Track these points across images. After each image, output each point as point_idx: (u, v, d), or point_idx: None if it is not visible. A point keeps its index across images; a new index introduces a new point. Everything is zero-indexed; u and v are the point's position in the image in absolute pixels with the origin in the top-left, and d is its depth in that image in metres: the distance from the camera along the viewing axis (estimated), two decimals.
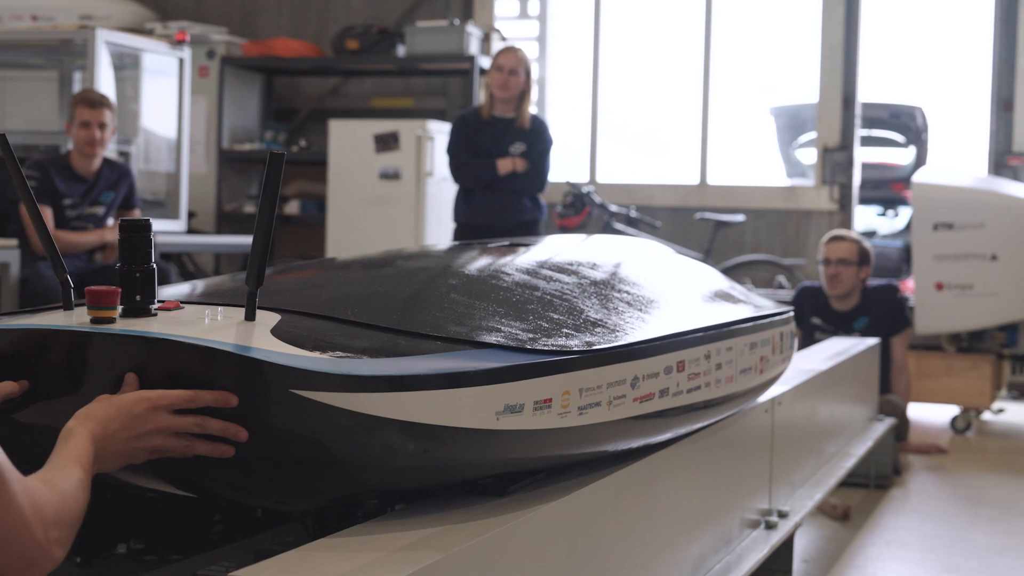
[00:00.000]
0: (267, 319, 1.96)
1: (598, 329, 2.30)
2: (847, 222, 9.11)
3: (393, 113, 9.78)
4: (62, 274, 2.04)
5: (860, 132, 9.35)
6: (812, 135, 9.66)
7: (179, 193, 8.10)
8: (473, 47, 8.97)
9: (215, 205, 9.42)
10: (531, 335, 2.13)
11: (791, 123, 10.23)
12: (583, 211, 8.45)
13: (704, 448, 2.85)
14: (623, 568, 2.39)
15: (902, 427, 6.10)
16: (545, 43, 10.19)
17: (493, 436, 1.94)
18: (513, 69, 6.54)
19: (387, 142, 8.42)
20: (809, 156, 9.86)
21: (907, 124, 10.43)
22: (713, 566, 2.92)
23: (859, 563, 4.21)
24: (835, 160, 9.22)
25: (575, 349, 2.12)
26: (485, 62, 8.94)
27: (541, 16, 10.22)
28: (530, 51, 6.68)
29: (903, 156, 10.59)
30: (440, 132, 8.44)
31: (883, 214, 10.86)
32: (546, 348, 2.08)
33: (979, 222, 6.92)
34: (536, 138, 6.61)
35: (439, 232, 8.28)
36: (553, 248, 3.10)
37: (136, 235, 1.94)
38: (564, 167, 6.92)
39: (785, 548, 3.43)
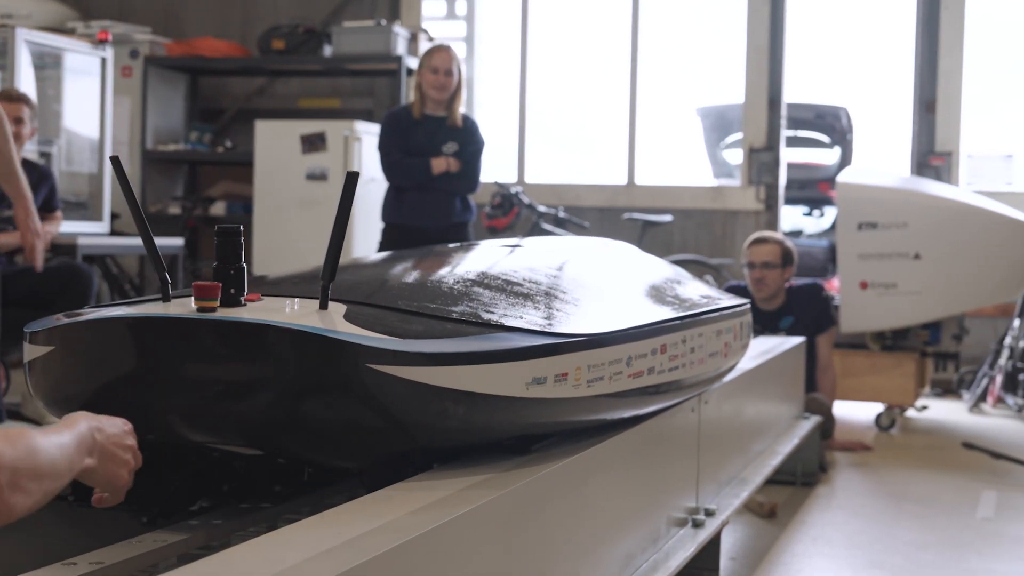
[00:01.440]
0: (337, 308, 2.32)
1: (599, 317, 2.75)
2: (773, 222, 9.18)
3: (320, 114, 9.72)
4: (162, 272, 2.39)
5: (786, 133, 9.43)
6: (738, 136, 9.72)
7: (102, 195, 7.98)
8: (400, 47, 8.94)
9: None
10: (548, 321, 2.56)
11: (718, 123, 10.29)
12: (511, 212, 8.44)
13: (632, 447, 2.85)
14: (551, 568, 2.38)
15: (828, 425, 6.15)
16: (473, 43, 10.18)
17: (523, 403, 2.34)
18: (448, 70, 6.50)
19: (314, 143, 8.36)
20: (736, 156, 9.93)
21: (832, 125, 10.52)
22: (640, 565, 2.91)
23: (785, 560, 4.24)
24: (761, 160, 9.29)
25: (584, 333, 2.53)
26: (412, 62, 8.91)
27: (468, 16, 10.20)
28: (458, 52, 6.64)
29: (828, 156, 10.69)
30: (367, 133, 8.40)
31: (809, 214, 10.95)
32: (562, 332, 2.50)
33: (902, 221, 6.99)
34: (468, 138, 6.57)
35: (367, 233, 8.23)
36: (549, 249, 3.69)
37: (229, 239, 2.31)
38: (492, 167, 6.89)
39: (712, 546, 3.44)
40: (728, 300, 3.72)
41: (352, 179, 2.31)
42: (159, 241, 7.93)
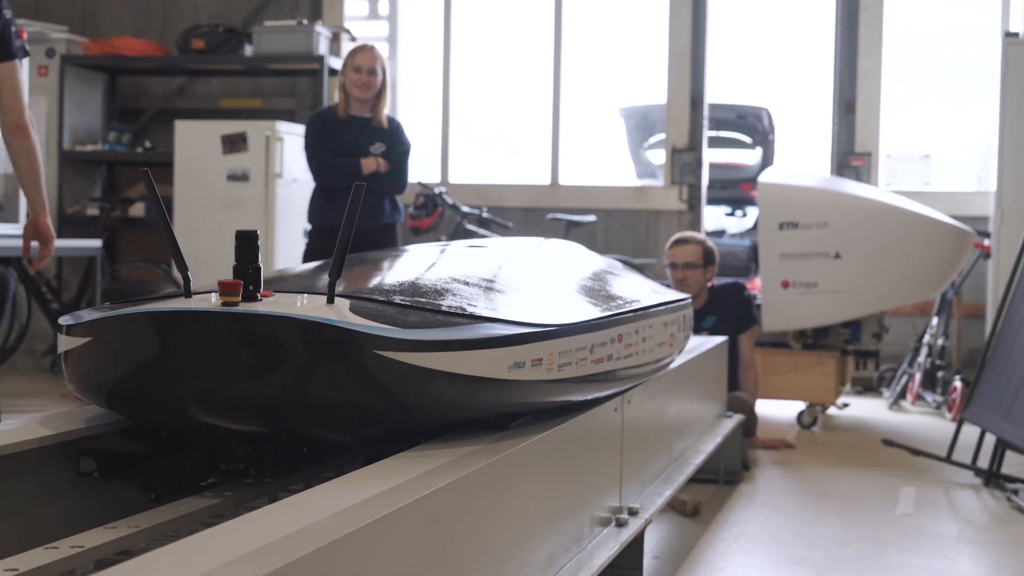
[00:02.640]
0: (342, 302, 2.60)
1: (565, 309, 3.09)
2: (696, 222, 9.22)
3: (241, 114, 9.63)
4: (185, 272, 2.69)
5: (708, 133, 9.48)
6: (661, 136, 9.76)
7: (17, 196, 7.84)
8: (322, 47, 8.88)
9: (56, 208, 9.17)
10: (524, 313, 2.85)
11: (641, 124, 10.33)
12: (435, 212, 8.42)
13: (554, 447, 2.84)
14: (473, 570, 2.36)
15: (750, 423, 6.19)
16: (395, 43, 10.13)
17: (505, 384, 2.64)
18: (372, 69, 6.44)
19: (235, 143, 8.28)
20: (658, 157, 9.97)
21: (754, 125, 10.60)
22: (564, 564, 2.90)
23: (708, 558, 4.25)
24: (684, 161, 9.33)
25: (555, 323, 2.85)
26: (334, 62, 8.86)
27: (391, 16, 10.16)
28: (380, 52, 6.59)
29: (750, 157, 10.77)
30: (289, 133, 8.33)
31: (731, 214, 11.02)
32: (537, 322, 2.79)
33: (823, 221, 7.04)
34: (395, 140, 6.52)
35: (290, 234, 8.17)
36: (515, 249, 4.11)
37: (247, 242, 2.62)
38: (416, 168, 6.86)
39: (636, 545, 3.44)
40: (672, 295, 4.12)
41: (359, 191, 2.58)
42: (74, 243, 7.83)
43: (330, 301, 2.58)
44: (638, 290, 3.88)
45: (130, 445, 2.83)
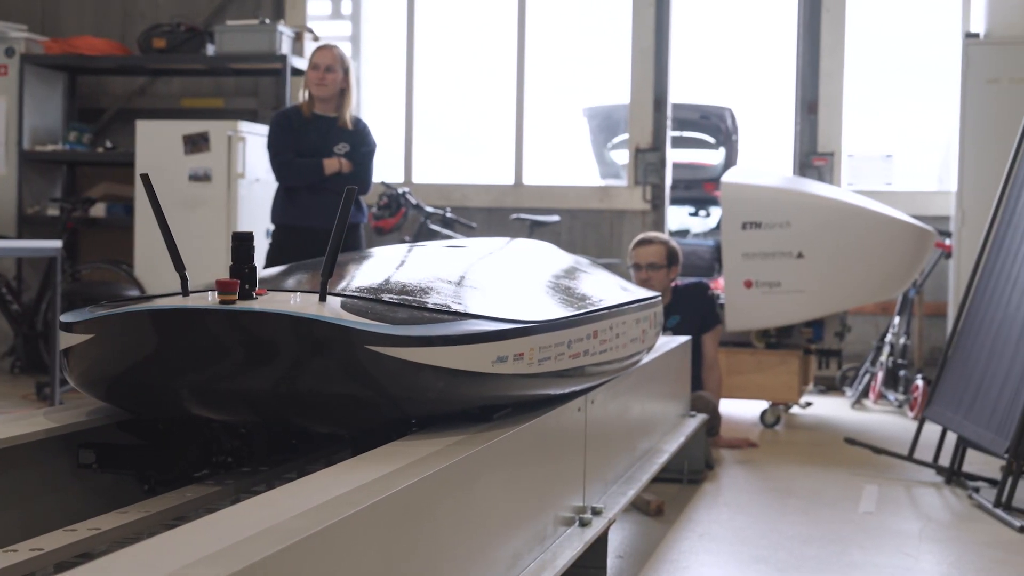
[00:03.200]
0: (333, 300, 2.73)
1: (545, 307, 3.23)
2: (660, 222, 9.24)
3: (203, 113, 9.57)
4: (182, 271, 2.78)
5: (671, 133, 9.50)
6: (625, 136, 9.77)
7: None
8: (285, 47, 8.84)
9: (16, 208, 9.10)
10: (506, 310, 2.96)
11: (604, 124, 10.34)
12: (398, 212, 8.40)
13: (518, 447, 2.84)
14: (437, 570, 2.36)
15: (714, 422, 6.20)
16: (359, 43, 10.11)
17: (489, 377, 2.76)
18: (329, 66, 6.41)
19: (197, 143, 8.23)
20: (622, 157, 9.98)
21: (717, 125, 10.62)
22: (528, 564, 2.90)
23: (672, 557, 4.25)
24: (647, 161, 9.35)
25: (535, 320, 2.97)
26: (297, 62, 8.82)
27: (354, 16, 10.13)
28: (344, 52, 6.56)
29: (713, 157, 10.79)
30: (252, 133, 8.29)
31: (695, 214, 11.04)
32: (518, 319, 2.91)
33: (785, 221, 7.07)
34: (360, 140, 6.49)
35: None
36: (492, 250, 4.26)
37: (243, 243, 2.73)
38: (379, 168, 6.83)
39: (599, 544, 3.44)
40: (643, 293, 4.29)
41: (350, 194, 2.70)
42: (34, 243, 7.76)
43: (322, 299, 2.70)
44: (610, 288, 4.04)
45: (127, 438, 2.93)
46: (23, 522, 2.66)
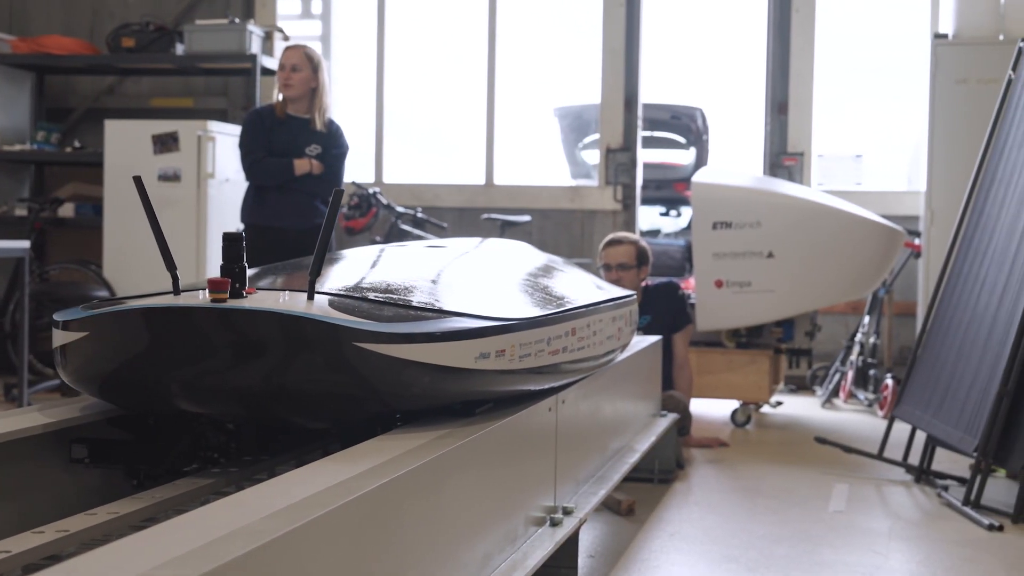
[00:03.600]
0: (321, 299, 2.80)
1: (525, 305, 3.33)
2: (631, 222, 9.25)
3: (172, 113, 9.53)
4: (174, 270, 2.88)
5: (642, 133, 9.51)
6: (596, 136, 9.78)
7: None
8: (255, 46, 8.80)
9: None
10: (488, 308, 3.04)
11: (575, 124, 10.34)
12: (369, 212, 8.38)
13: (489, 448, 2.83)
14: (407, 570, 2.35)
15: (685, 422, 6.21)
16: (329, 42, 10.08)
17: (472, 373, 2.84)
18: (295, 66, 6.38)
19: (166, 143, 8.18)
20: (593, 157, 9.99)
21: (688, 125, 10.64)
22: (499, 565, 2.90)
23: (643, 557, 4.26)
24: (618, 161, 9.35)
25: (516, 318, 3.06)
26: (267, 61, 8.79)
27: (324, 15, 10.10)
28: (315, 52, 6.54)
29: (684, 157, 10.82)
30: (222, 132, 8.25)
31: (666, 214, 11.06)
32: (500, 316, 3.00)
33: (756, 221, 7.08)
34: (332, 142, 6.47)
35: (221, 235, 8.09)
36: (470, 249, 4.37)
37: (234, 244, 2.82)
38: (350, 168, 6.81)
39: (570, 544, 3.43)
40: (619, 292, 4.40)
41: (338, 196, 2.81)
42: (1, 244, 7.69)
43: (311, 298, 2.79)
44: (586, 287, 4.17)
45: (118, 433, 3.01)
46: (16, 515, 2.71)
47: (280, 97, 6.45)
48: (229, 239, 2.84)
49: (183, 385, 2.69)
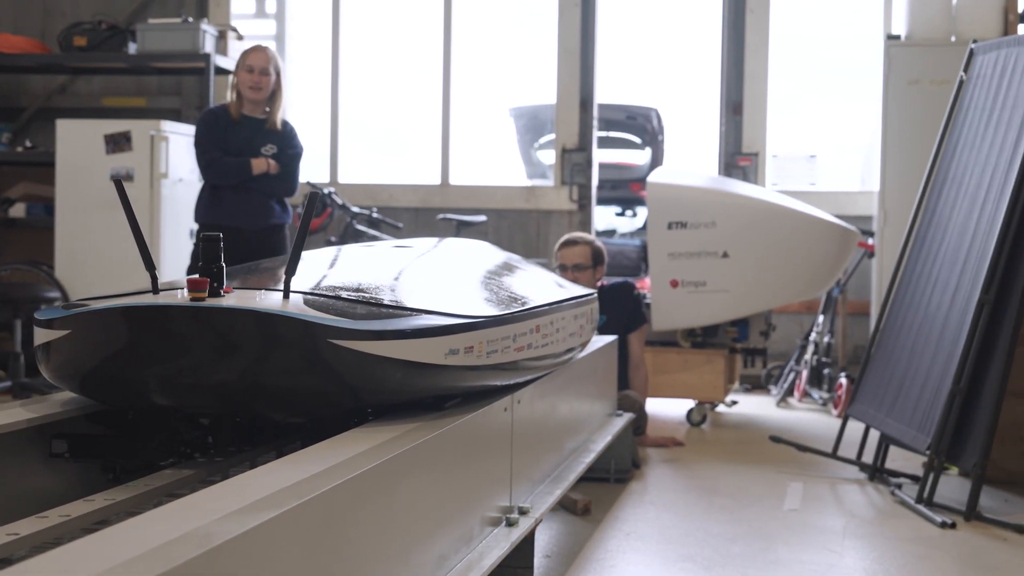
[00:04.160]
0: (296, 297, 2.90)
1: (491, 303, 3.42)
2: (586, 222, 9.26)
3: (125, 113, 9.46)
4: (152, 270, 2.98)
5: (598, 133, 9.52)
6: (551, 136, 9.78)
7: None
8: (208, 45, 8.74)
9: None
10: (456, 306, 3.14)
11: (531, 124, 10.34)
12: (324, 212, 8.35)
13: (444, 448, 2.83)
14: (362, 572, 2.34)
15: (640, 422, 6.23)
16: (283, 42, 10.04)
17: (442, 369, 2.93)
18: (264, 69, 6.36)
19: (118, 142, 8.12)
20: (549, 157, 9.99)
21: (643, 126, 10.65)
22: (454, 565, 2.89)
23: (599, 556, 4.26)
24: (574, 161, 9.36)
25: (484, 315, 3.17)
26: (221, 61, 8.73)
27: (279, 15, 10.06)
28: (274, 52, 6.50)
29: (639, 157, 10.82)
30: (175, 132, 8.19)
31: (622, 214, 11.07)
32: (468, 314, 3.10)
33: (711, 221, 7.10)
34: (287, 142, 6.45)
35: (176, 235, 8.03)
36: (436, 249, 4.49)
37: (212, 244, 2.92)
38: (305, 168, 6.78)
39: (526, 544, 3.43)
40: (580, 290, 4.54)
41: (313, 198, 2.91)
42: None
43: (286, 296, 2.88)
44: (549, 285, 4.34)
45: (97, 429, 3.10)
46: None
47: (233, 97, 6.42)
48: (208, 240, 2.93)
49: (164, 382, 2.78)
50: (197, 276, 2.86)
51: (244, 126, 6.40)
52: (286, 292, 2.89)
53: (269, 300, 2.86)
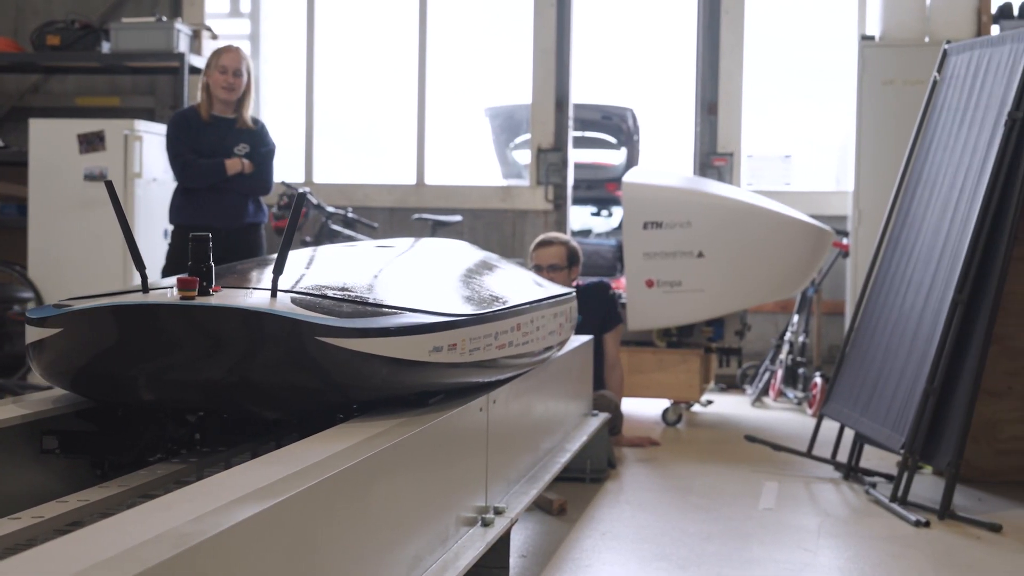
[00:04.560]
0: (283, 296, 2.95)
1: (475, 303, 3.48)
2: (562, 221, 9.26)
3: (98, 112, 9.41)
4: (142, 269, 3.03)
5: (573, 133, 9.53)
6: (527, 136, 9.78)
7: None
8: (182, 45, 8.71)
9: None
10: (440, 304, 3.22)
11: (506, 124, 10.34)
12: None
13: (419, 448, 2.83)
14: (337, 572, 2.33)
15: (616, 421, 6.23)
16: (258, 41, 10.01)
17: (426, 366, 3.01)
18: (237, 70, 6.33)
19: (92, 142, 8.08)
20: (524, 157, 9.99)
21: (619, 126, 10.67)
22: (430, 565, 2.89)
23: (575, 556, 4.26)
24: (549, 161, 9.37)
25: (466, 314, 3.24)
26: (195, 60, 8.70)
27: (253, 14, 10.03)
28: (245, 52, 6.48)
29: (615, 157, 10.84)
30: (149, 132, 8.16)
31: (597, 214, 11.08)
32: (451, 312, 3.16)
33: (686, 221, 7.11)
34: (259, 141, 6.43)
35: (150, 236, 7.99)
36: (418, 249, 4.56)
37: (201, 244, 2.98)
38: (280, 167, 6.76)
39: (502, 544, 3.43)
40: (559, 289, 4.64)
41: (299, 198, 3.02)
42: None
43: (274, 295, 2.94)
44: (529, 284, 4.42)
45: (86, 425, 3.14)
46: None
47: (203, 97, 6.39)
48: (197, 240, 2.99)
49: (155, 379, 2.84)
50: (187, 275, 2.91)
51: (215, 127, 6.37)
52: (274, 291, 2.95)
53: (257, 299, 2.92)
